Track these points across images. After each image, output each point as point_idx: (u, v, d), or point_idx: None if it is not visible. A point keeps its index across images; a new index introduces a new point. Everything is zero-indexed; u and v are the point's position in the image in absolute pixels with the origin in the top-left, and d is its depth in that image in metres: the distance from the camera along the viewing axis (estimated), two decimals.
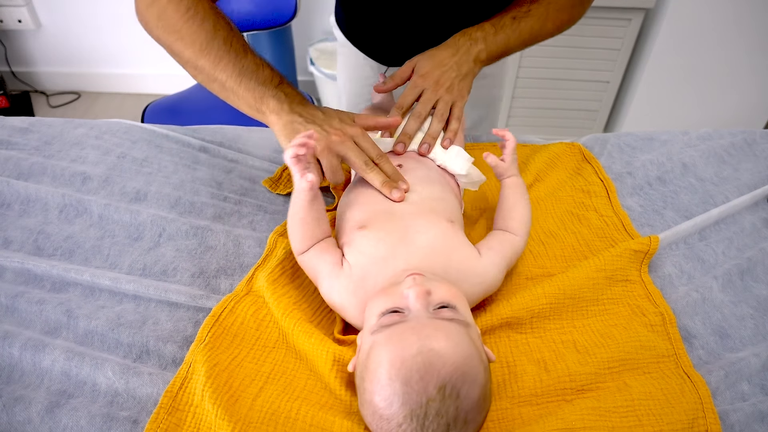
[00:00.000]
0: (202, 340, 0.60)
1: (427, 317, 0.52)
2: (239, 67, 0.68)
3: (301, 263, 0.66)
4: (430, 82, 0.78)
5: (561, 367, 0.59)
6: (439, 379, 0.47)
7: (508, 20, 0.81)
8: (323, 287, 0.63)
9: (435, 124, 0.77)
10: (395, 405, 0.47)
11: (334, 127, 0.68)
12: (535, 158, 0.91)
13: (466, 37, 0.80)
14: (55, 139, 0.94)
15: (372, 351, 0.51)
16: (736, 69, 1.88)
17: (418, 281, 0.56)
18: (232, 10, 1.59)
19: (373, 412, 0.49)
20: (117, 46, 2.44)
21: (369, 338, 0.53)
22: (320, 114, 0.70)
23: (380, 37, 1.00)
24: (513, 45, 0.82)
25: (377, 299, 0.57)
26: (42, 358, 0.59)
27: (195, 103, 1.61)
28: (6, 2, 2.26)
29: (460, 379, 0.48)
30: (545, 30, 0.84)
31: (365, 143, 0.69)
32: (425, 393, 0.47)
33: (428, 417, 0.47)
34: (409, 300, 0.54)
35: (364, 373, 0.51)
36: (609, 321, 0.66)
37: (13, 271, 0.70)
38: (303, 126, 0.67)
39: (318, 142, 0.65)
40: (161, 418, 0.53)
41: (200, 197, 0.83)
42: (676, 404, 0.55)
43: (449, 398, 0.47)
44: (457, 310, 0.54)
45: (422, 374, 0.47)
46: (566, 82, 2.00)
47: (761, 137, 0.97)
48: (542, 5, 0.82)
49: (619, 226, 0.79)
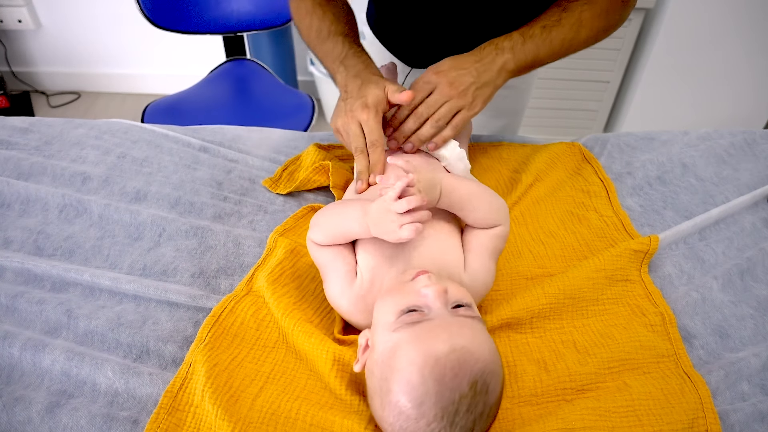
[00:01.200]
0: (202, 340, 0.60)
1: (449, 315, 0.52)
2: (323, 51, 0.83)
3: (313, 251, 0.65)
4: (443, 81, 0.74)
5: (561, 367, 0.60)
6: (472, 375, 0.47)
7: (538, 29, 0.77)
8: (331, 290, 0.63)
9: (427, 128, 0.74)
10: (427, 404, 0.47)
11: (351, 110, 0.72)
12: (535, 158, 0.91)
13: (492, 47, 0.76)
14: (55, 139, 0.94)
15: (398, 350, 0.50)
16: (736, 69, 1.88)
17: (433, 280, 0.55)
18: (232, 10, 1.59)
19: (400, 412, 0.48)
20: (117, 46, 2.44)
21: (390, 336, 0.52)
22: (355, 90, 0.73)
23: (410, 37, 0.99)
24: (543, 56, 0.78)
25: (391, 297, 0.56)
26: (42, 358, 0.59)
27: (195, 103, 1.61)
28: (6, 2, 2.27)
29: (490, 375, 0.49)
30: (579, 39, 0.79)
31: (367, 128, 0.71)
32: (459, 390, 0.47)
33: (459, 413, 0.47)
34: (429, 299, 0.53)
35: (388, 374, 0.50)
36: (609, 321, 0.66)
37: (13, 271, 0.70)
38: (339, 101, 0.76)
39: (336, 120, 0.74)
40: (161, 418, 0.53)
41: (200, 197, 0.83)
42: (676, 404, 0.55)
43: (480, 394, 0.48)
44: (472, 308, 0.55)
45: (456, 371, 0.47)
46: (566, 82, 2.00)
47: (761, 137, 0.97)
48: (574, 13, 0.78)
49: (619, 226, 0.79)
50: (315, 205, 0.82)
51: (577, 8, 0.79)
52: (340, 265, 0.62)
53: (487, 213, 0.64)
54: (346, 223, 0.61)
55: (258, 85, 1.68)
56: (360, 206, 0.60)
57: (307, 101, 1.61)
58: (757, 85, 1.93)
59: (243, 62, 1.75)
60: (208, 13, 1.58)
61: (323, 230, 0.63)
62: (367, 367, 0.54)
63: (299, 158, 0.90)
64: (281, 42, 2.17)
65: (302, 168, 0.87)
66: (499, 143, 0.97)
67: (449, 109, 0.74)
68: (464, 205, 0.63)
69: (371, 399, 0.53)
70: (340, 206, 0.65)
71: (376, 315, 0.56)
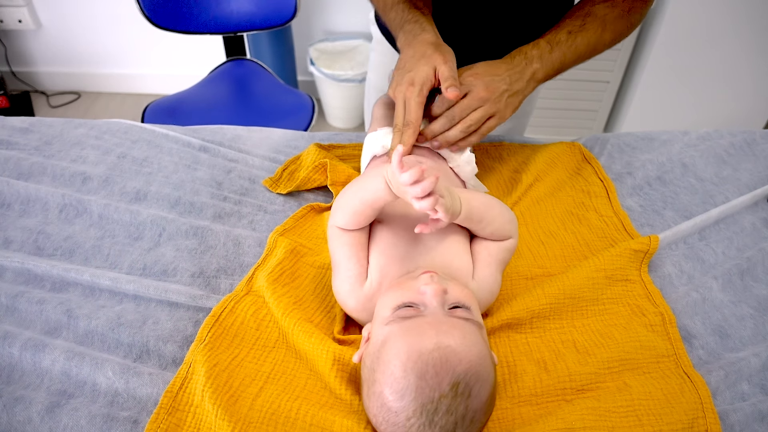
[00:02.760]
0: (202, 340, 0.60)
1: (443, 314, 0.53)
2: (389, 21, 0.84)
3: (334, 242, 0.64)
4: (479, 85, 0.72)
5: (561, 367, 0.60)
6: (454, 376, 0.48)
7: (564, 35, 0.78)
8: (340, 287, 0.63)
9: (456, 132, 0.73)
10: (407, 398, 0.47)
11: (400, 82, 0.73)
12: (535, 158, 0.91)
13: (522, 56, 0.76)
14: (55, 139, 0.94)
15: (387, 342, 0.51)
16: (736, 69, 1.88)
17: (435, 279, 0.56)
18: (232, 11, 1.59)
19: (382, 404, 0.49)
20: (117, 46, 2.44)
21: (382, 329, 0.53)
22: (408, 61, 0.74)
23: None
24: (568, 61, 0.79)
25: (391, 292, 0.57)
26: (42, 358, 0.59)
27: (195, 103, 1.61)
28: (6, 2, 2.26)
29: (473, 378, 0.48)
30: (603, 41, 0.80)
31: (408, 107, 0.71)
32: (439, 388, 0.47)
33: (438, 413, 0.47)
34: (426, 296, 0.54)
35: (376, 364, 0.51)
36: (609, 321, 0.66)
37: (13, 271, 0.70)
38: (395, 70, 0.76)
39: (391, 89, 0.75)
40: (161, 418, 0.53)
41: (200, 197, 0.83)
42: (676, 404, 0.55)
43: (461, 396, 0.48)
44: (470, 311, 0.55)
45: (438, 369, 0.47)
46: (566, 82, 2.00)
47: (761, 137, 0.97)
48: (598, 17, 0.79)
49: (619, 226, 0.79)
50: (315, 205, 0.82)
51: (600, 11, 0.79)
52: (354, 265, 0.62)
53: (501, 226, 0.64)
54: (369, 187, 0.60)
55: (258, 85, 1.68)
56: (377, 171, 0.59)
57: (307, 101, 1.61)
58: (757, 85, 1.93)
59: (243, 62, 1.75)
60: (208, 13, 1.58)
61: (345, 210, 0.62)
62: (362, 358, 0.55)
63: (299, 158, 0.90)
64: (281, 42, 2.17)
65: (302, 168, 0.87)
66: (499, 143, 0.97)
67: (482, 115, 0.73)
68: (483, 217, 0.63)
69: (362, 390, 0.54)
70: (357, 180, 0.65)
71: (377, 309, 0.57)
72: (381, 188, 0.58)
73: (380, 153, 0.77)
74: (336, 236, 0.64)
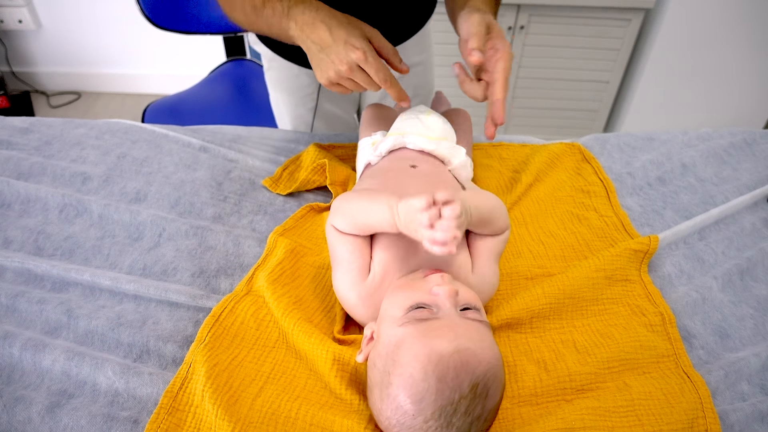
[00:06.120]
0: (202, 340, 0.60)
1: (457, 316, 0.52)
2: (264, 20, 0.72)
3: (333, 239, 0.64)
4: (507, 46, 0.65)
5: (561, 367, 0.60)
6: (474, 377, 0.48)
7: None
8: (341, 282, 0.62)
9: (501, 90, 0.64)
10: (426, 401, 0.47)
11: (337, 55, 0.66)
12: (535, 158, 0.91)
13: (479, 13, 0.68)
14: (55, 139, 0.94)
15: (403, 344, 0.51)
16: (736, 69, 1.89)
17: (446, 279, 0.56)
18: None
19: (398, 406, 0.49)
20: (117, 46, 2.44)
21: (395, 330, 0.52)
22: (325, 37, 0.66)
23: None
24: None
25: (401, 292, 0.56)
26: (42, 358, 0.59)
27: (195, 104, 1.61)
28: (6, 2, 2.27)
29: (491, 379, 0.49)
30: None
31: (371, 68, 0.66)
32: (459, 390, 0.47)
33: (457, 414, 0.47)
34: (440, 298, 0.54)
35: (391, 367, 0.50)
36: (609, 321, 0.66)
37: (14, 271, 0.71)
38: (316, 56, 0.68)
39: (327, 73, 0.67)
40: (161, 418, 0.53)
41: (200, 197, 0.83)
42: (676, 404, 0.55)
43: (479, 397, 0.48)
44: (480, 312, 0.55)
45: (458, 372, 0.47)
46: (566, 82, 2.00)
47: (761, 137, 0.97)
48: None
49: (618, 226, 0.79)
50: (315, 205, 0.82)
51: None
52: (357, 259, 0.62)
53: (501, 222, 0.64)
54: (374, 214, 0.59)
55: (258, 85, 1.68)
56: (387, 203, 0.57)
57: None
58: (757, 86, 1.93)
59: (243, 62, 1.75)
60: (208, 13, 1.58)
61: (348, 219, 0.62)
62: (370, 359, 0.55)
63: (299, 158, 0.90)
64: None
65: (302, 168, 0.87)
66: (499, 143, 0.97)
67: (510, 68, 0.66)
68: (487, 221, 0.62)
69: (371, 391, 0.53)
70: (367, 198, 0.62)
71: (384, 308, 0.57)
72: (386, 219, 0.57)
73: (374, 162, 0.77)
74: (336, 235, 0.64)
